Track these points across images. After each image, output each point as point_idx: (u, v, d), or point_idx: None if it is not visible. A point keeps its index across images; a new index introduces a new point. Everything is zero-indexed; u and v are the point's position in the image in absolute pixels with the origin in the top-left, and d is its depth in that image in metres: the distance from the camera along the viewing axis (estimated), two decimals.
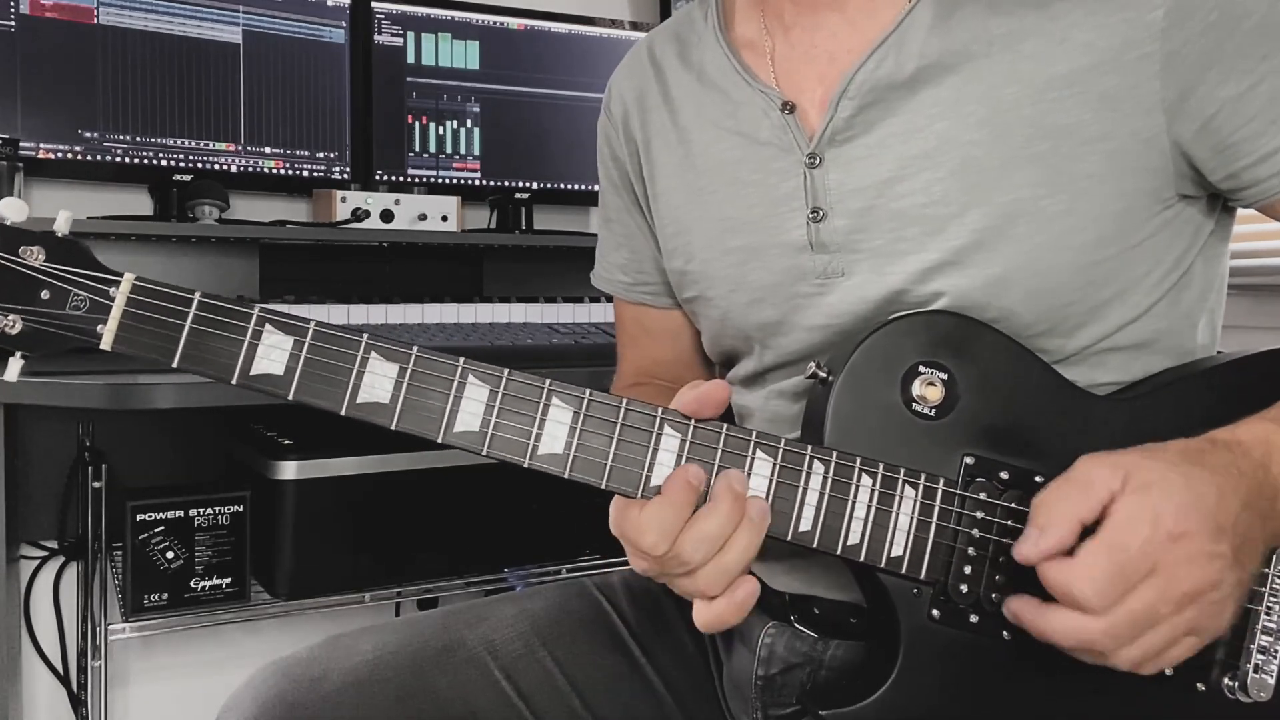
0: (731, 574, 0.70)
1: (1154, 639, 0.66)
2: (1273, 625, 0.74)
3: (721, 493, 0.70)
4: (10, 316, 0.69)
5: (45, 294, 0.69)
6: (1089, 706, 0.70)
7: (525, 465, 0.72)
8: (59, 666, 1.77)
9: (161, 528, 1.48)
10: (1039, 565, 0.68)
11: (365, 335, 0.71)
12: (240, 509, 1.53)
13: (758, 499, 0.71)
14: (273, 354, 0.71)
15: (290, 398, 0.71)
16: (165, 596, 1.49)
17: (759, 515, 0.70)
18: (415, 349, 0.72)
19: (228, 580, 1.53)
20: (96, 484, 1.56)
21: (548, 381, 0.72)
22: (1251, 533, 0.68)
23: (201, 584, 1.51)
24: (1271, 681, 0.73)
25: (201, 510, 1.51)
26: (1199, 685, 0.73)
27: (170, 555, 1.49)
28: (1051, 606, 0.68)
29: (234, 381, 0.70)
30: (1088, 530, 0.67)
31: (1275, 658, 0.74)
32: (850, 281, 0.83)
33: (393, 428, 0.71)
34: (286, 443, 1.56)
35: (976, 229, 0.78)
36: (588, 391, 0.72)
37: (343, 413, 0.71)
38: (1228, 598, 0.67)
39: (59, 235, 0.71)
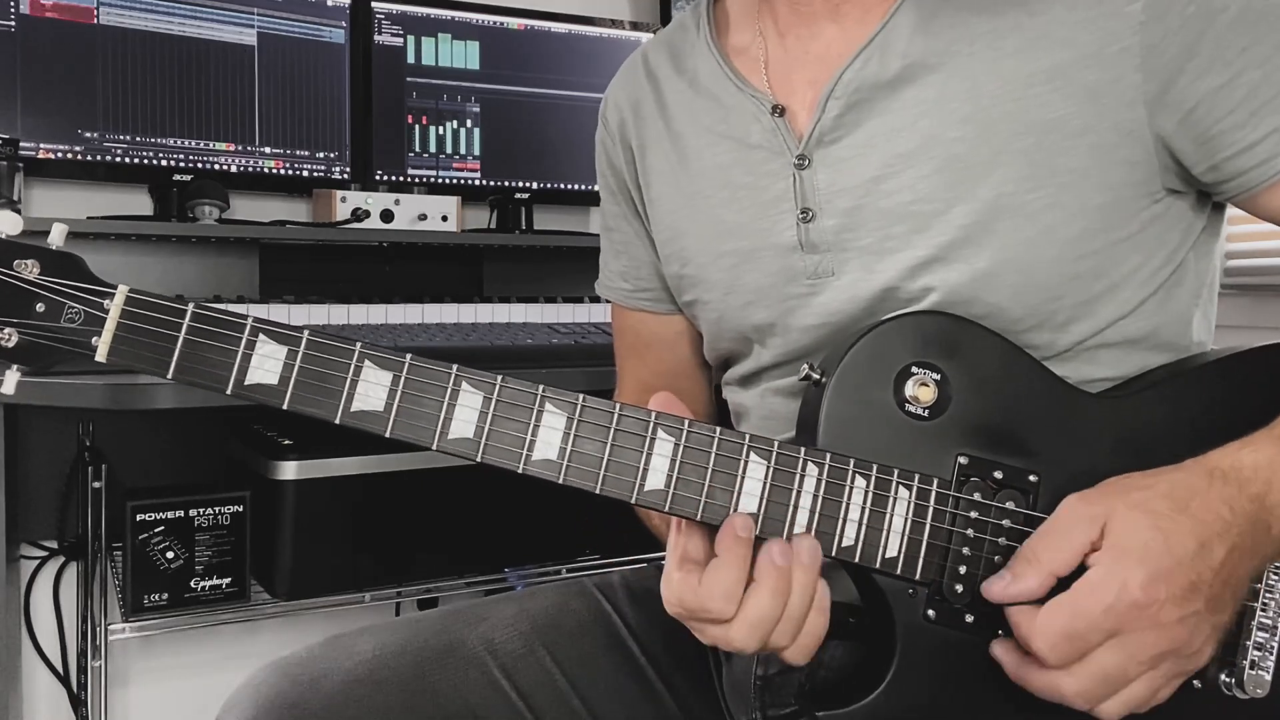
0: (801, 619, 0.70)
1: (1134, 692, 0.68)
2: (1269, 622, 0.74)
3: (765, 570, 0.70)
4: (6, 330, 0.69)
5: (40, 307, 0.70)
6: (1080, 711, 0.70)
7: (519, 471, 0.72)
8: (59, 666, 1.77)
9: (161, 528, 1.49)
10: (1006, 609, 0.70)
11: (359, 343, 0.72)
12: (240, 509, 1.53)
13: (805, 537, 0.71)
14: (266, 364, 0.71)
15: (285, 407, 0.71)
16: (165, 596, 1.50)
17: (809, 557, 0.70)
18: (409, 357, 0.72)
19: (228, 580, 1.53)
20: (96, 484, 1.56)
21: (541, 387, 0.72)
22: (1235, 573, 0.69)
23: (201, 584, 1.51)
24: (1268, 678, 0.73)
25: (201, 510, 1.51)
26: (1195, 683, 0.73)
27: (170, 555, 1.49)
28: (1029, 662, 0.69)
29: (228, 392, 0.71)
30: (1065, 579, 0.68)
31: (1272, 654, 0.74)
32: (841, 281, 0.84)
33: (387, 435, 0.72)
34: (286, 443, 1.56)
35: (963, 224, 0.79)
36: (581, 397, 0.73)
37: (337, 421, 0.71)
38: (1205, 644, 0.69)
39: (53, 248, 0.71)
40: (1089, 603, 0.66)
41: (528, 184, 2.01)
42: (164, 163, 1.73)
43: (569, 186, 2.05)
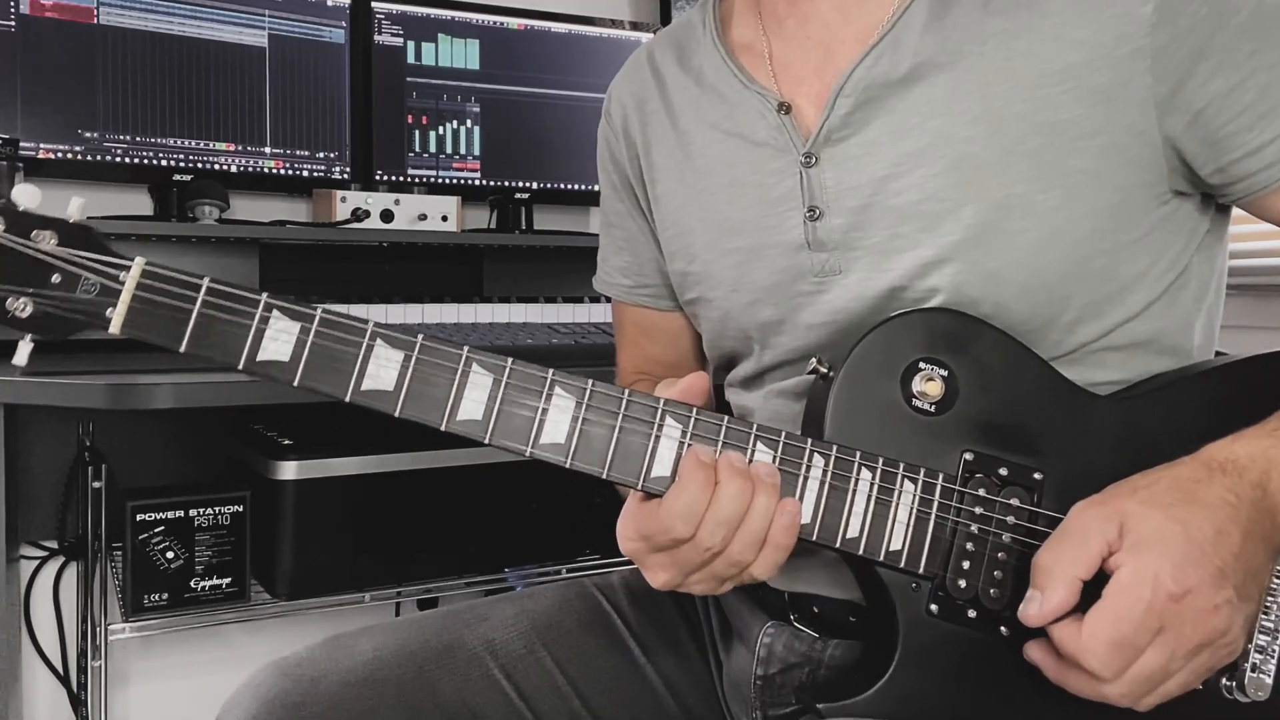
0: (759, 538, 0.71)
1: (1171, 686, 0.68)
2: (1270, 625, 0.74)
3: (726, 473, 0.70)
4: (21, 299, 0.70)
5: (56, 278, 0.70)
6: (1085, 703, 0.70)
7: (527, 454, 0.72)
8: (59, 666, 1.77)
9: (161, 528, 1.48)
10: (1048, 628, 0.69)
11: (371, 322, 0.72)
12: (240, 509, 1.53)
13: (761, 462, 0.72)
14: (279, 339, 0.72)
15: (296, 383, 0.72)
16: (165, 596, 1.49)
17: (768, 475, 0.71)
18: (420, 337, 0.72)
19: (228, 580, 1.53)
20: (96, 484, 1.56)
21: (551, 371, 0.73)
22: (1255, 559, 0.69)
23: (201, 584, 1.51)
24: (1269, 681, 0.73)
25: (201, 510, 1.51)
26: (1197, 684, 0.73)
27: (170, 555, 1.49)
28: (1069, 666, 0.69)
29: (240, 367, 0.71)
30: (1090, 583, 0.68)
31: (1273, 657, 0.74)
32: (848, 279, 0.83)
33: (396, 415, 0.72)
34: (286, 443, 1.56)
35: (971, 224, 0.78)
36: (590, 381, 0.73)
37: (347, 399, 0.72)
38: (1239, 635, 0.68)
39: (71, 221, 0.72)
40: (1128, 605, 0.66)
41: (528, 184, 2.01)
42: (164, 163, 1.73)
43: (569, 186, 2.04)
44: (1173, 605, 0.65)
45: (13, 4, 1.61)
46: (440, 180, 1.94)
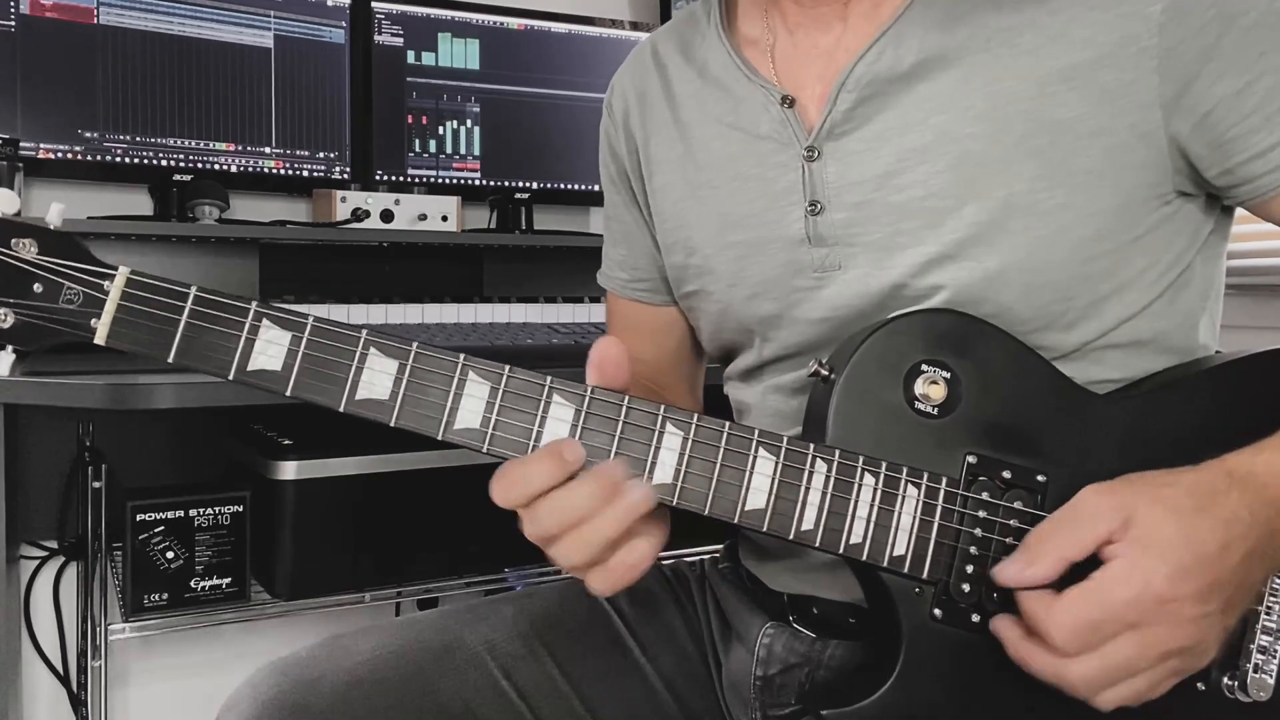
0: (592, 549, 0.70)
1: (1135, 684, 0.67)
2: (1273, 625, 0.74)
3: (594, 472, 0.69)
4: (2, 310, 0.68)
5: (38, 287, 0.69)
6: (1088, 707, 0.70)
7: None
8: (59, 666, 1.77)
9: (161, 528, 1.48)
10: (1017, 593, 0.69)
11: (364, 331, 0.71)
12: (240, 509, 1.53)
13: (640, 484, 0.70)
14: (270, 349, 0.70)
15: (288, 394, 0.70)
16: (165, 596, 1.49)
17: (642, 498, 0.69)
18: (415, 345, 0.71)
19: (228, 580, 1.53)
20: (96, 484, 1.55)
21: (549, 379, 0.72)
22: (1250, 577, 0.69)
23: (201, 584, 1.51)
24: (1271, 681, 0.73)
25: (201, 510, 1.51)
26: (1199, 685, 0.73)
27: (170, 555, 1.49)
28: (1033, 640, 0.69)
29: (230, 377, 0.70)
30: (1078, 565, 0.68)
31: (1275, 657, 0.74)
32: (848, 275, 0.83)
33: (392, 424, 0.71)
34: (286, 443, 1.56)
35: (974, 223, 0.78)
36: (590, 389, 0.72)
37: (341, 409, 0.71)
38: (1212, 646, 0.68)
39: (52, 228, 0.70)
40: (1112, 594, 0.66)
41: (528, 184, 2.01)
42: (164, 163, 1.73)
43: (569, 186, 2.04)
44: (1156, 607, 0.65)
45: (13, 4, 1.61)
46: (440, 180, 1.94)
